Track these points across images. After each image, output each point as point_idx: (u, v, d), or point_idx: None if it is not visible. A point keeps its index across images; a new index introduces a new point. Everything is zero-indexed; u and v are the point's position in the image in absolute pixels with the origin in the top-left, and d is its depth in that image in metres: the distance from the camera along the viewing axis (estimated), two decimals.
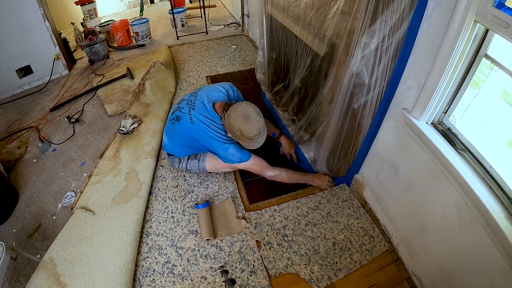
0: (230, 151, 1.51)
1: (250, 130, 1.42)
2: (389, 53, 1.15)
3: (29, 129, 2.41)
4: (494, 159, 1.00)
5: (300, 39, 1.71)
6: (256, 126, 1.43)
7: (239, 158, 1.53)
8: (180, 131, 1.62)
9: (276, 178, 1.66)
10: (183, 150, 1.71)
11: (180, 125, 1.61)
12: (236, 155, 1.52)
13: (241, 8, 3.74)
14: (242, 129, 1.42)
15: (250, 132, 1.42)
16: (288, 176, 1.67)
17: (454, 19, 0.92)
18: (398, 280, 1.39)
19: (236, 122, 1.42)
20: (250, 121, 1.42)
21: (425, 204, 1.25)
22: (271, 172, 1.63)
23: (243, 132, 1.42)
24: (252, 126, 1.42)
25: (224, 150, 1.51)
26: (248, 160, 1.55)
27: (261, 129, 1.45)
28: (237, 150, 1.52)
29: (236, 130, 1.43)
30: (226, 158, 1.53)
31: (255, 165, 1.60)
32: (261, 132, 1.45)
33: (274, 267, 1.42)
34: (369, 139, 1.48)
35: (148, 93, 2.57)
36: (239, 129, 1.42)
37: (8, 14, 2.61)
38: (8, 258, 1.27)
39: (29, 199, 1.85)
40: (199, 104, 1.58)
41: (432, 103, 1.11)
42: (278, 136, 1.93)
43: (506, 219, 0.90)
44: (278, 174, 1.65)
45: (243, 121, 1.42)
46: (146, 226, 1.62)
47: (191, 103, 1.60)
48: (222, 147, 1.51)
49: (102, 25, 3.95)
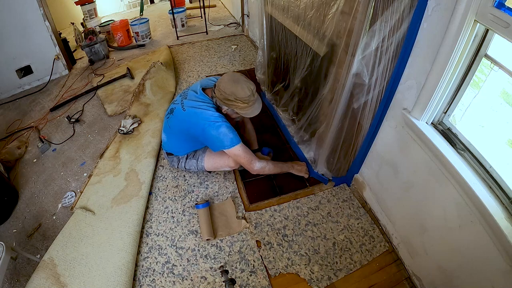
0: (222, 130, 1.47)
1: (242, 90, 1.43)
2: (389, 53, 1.15)
3: (29, 129, 2.41)
4: (494, 159, 1.00)
5: (300, 39, 1.71)
6: (247, 86, 1.45)
7: (231, 140, 1.48)
8: (174, 123, 1.63)
9: (263, 170, 1.63)
10: (180, 145, 1.71)
11: (173, 116, 1.61)
12: (228, 135, 1.47)
13: (241, 8, 3.74)
14: (235, 91, 1.43)
15: (244, 93, 1.43)
16: (274, 167, 1.68)
17: (454, 19, 0.92)
18: (398, 280, 1.39)
19: (227, 88, 1.44)
20: (240, 82, 1.45)
21: (425, 204, 1.25)
22: (258, 163, 1.60)
23: (237, 95, 1.43)
24: (244, 87, 1.44)
25: (216, 129, 1.46)
26: (239, 144, 1.51)
27: (253, 89, 1.47)
28: (229, 130, 1.48)
29: (229, 95, 1.43)
30: (218, 139, 1.48)
31: (245, 153, 1.55)
32: (254, 93, 1.47)
33: (274, 267, 1.42)
34: (369, 139, 1.49)
35: (148, 93, 2.57)
36: (231, 93, 1.43)
37: (8, 14, 2.61)
38: (8, 258, 1.27)
39: (29, 199, 1.85)
40: (191, 93, 1.60)
41: (432, 103, 1.11)
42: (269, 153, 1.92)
43: (506, 219, 0.90)
44: (265, 166, 1.63)
45: (233, 84, 1.44)
46: (146, 226, 1.62)
47: (184, 94, 1.62)
48: (214, 126, 1.46)
49: (102, 25, 3.95)
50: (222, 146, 1.50)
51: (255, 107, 1.52)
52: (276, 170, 1.72)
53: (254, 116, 1.57)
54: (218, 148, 1.52)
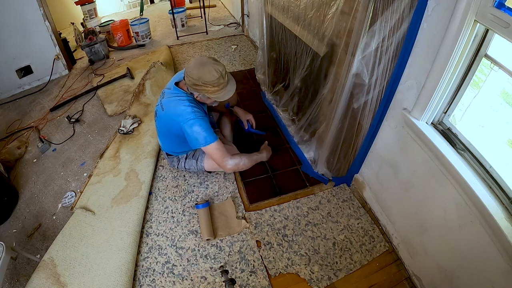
0: (195, 129, 1.42)
1: (209, 73, 1.37)
2: (389, 53, 1.15)
3: (29, 129, 2.41)
4: (494, 159, 1.00)
5: (300, 39, 1.71)
6: (213, 68, 1.38)
7: (204, 138, 1.43)
8: (160, 125, 1.62)
9: (237, 167, 1.55)
10: (173, 145, 1.70)
11: (158, 118, 1.60)
12: (201, 134, 1.42)
13: (241, 8, 3.73)
14: (201, 75, 1.37)
15: (211, 76, 1.37)
16: (248, 161, 1.61)
17: (454, 19, 0.92)
18: (398, 280, 1.39)
19: (193, 72, 1.38)
20: (207, 65, 1.38)
21: (425, 204, 1.25)
22: (231, 161, 1.52)
23: (205, 79, 1.37)
24: (210, 69, 1.37)
25: (190, 127, 1.42)
26: (213, 142, 1.45)
27: (221, 71, 1.39)
28: (202, 128, 1.43)
29: (197, 79, 1.38)
30: (193, 137, 1.44)
31: (218, 151, 1.48)
32: (223, 75, 1.40)
33: (274, 267, 1.42)
34: (369, 139, 1.49)
35: (148, 93, 2.57)
36: (198, 77, 1.37)
37: (8, 14, 2.61)
38: (8, 258, 1.27)
39: (29, 199, 1.85)
40: (167, 91, 1.56)
41: (432, 103, 1.11)
42: (231, 106, 1.90)
43: (506, 219, 0.90)
44: (239, 162, 1.55)
45: (199, 68, 1.38)
46: (146, 226, 1.62)
47: (162, 94, 1.59)
48: (188, 124, 1.42)
49: (102, 25, 3.95)
50: (197, 144, 1.46)
51: (228, 89, 1.44)
52: (252, 164, 1.65)
53: (254, 117, 1.56)
54: (194, 146, 1.49)
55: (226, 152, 1.51)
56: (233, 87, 1.48)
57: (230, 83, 1.46)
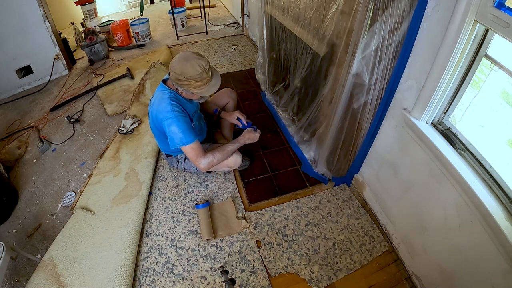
0: (172, 128, 1.41)
1: (192, 68, 1.35)
2: (389, 53, 1.15)
3: (29, 129, 2.41)
4: (494, 159, 1.00)
5: (300, 39, 1.71)
6: (196, 63, 1.35)
7: (180, 139, 1.41)
8: (151, 124, 1.62)
9: (211, 163, 1.51)
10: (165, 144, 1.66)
11: (150, 118, 1.60)
12: (177, 134, 1.41)
13: (241, 8, 3.74)
14: (184, 70, 1.35)
15: (194, 71, 1.35)
16: (221, 154, 1.54)
17: (454, 19, 0.92)
18: (398, 280, 1.39)
19: (176, 67, 1.36)
20: (190, 60, 1.36)
21: (425, 204, 1.25)
22: (204, 160, 1.48)
23: (187, 74, 1.35)
24: (193, 64, 1.35)
25: (168, 126, 1.42)
26: (190, 144, 1.43)
27: (205, 66, 1.37)
28: (179, 129, 1.41)
29: (179, 74, 1.36)
30: (170, 137, 1.43)
31: (192, 150, 1.45)
32: (207, 70, 1.38)
33: (274, 267, 1.42)
34: (369, 139, 1.49)
35: (148, 93, 2.57)
36: (181, 72, 1.35)
37: (8, 14, 2.61)
38: (8, 258, 1.27)
39: (29, 199, 1.85)
40: (156, 90, 1.54)
41: (432, 103, 1.11)
42: (219, 111, 1.87)
43: (506, 219, 0.90)
44: (212, 159, 1.50)
45: (183, 63, 1.36)
46: (146, 226, 1.62)
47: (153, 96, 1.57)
48: (167, 123, 1.41)
49: (102, 25, 3.95)
50: (173, 144, 1.45)
51: (212, 85, 1.42)
52: (228, 155, 1.58)
53: (255, 117, 1.55)
54: (172, 146, 1.47)
55: (200, 152, 1.48)
56: (217, 82, 1.45)
57: (215, 78, 1.45)
